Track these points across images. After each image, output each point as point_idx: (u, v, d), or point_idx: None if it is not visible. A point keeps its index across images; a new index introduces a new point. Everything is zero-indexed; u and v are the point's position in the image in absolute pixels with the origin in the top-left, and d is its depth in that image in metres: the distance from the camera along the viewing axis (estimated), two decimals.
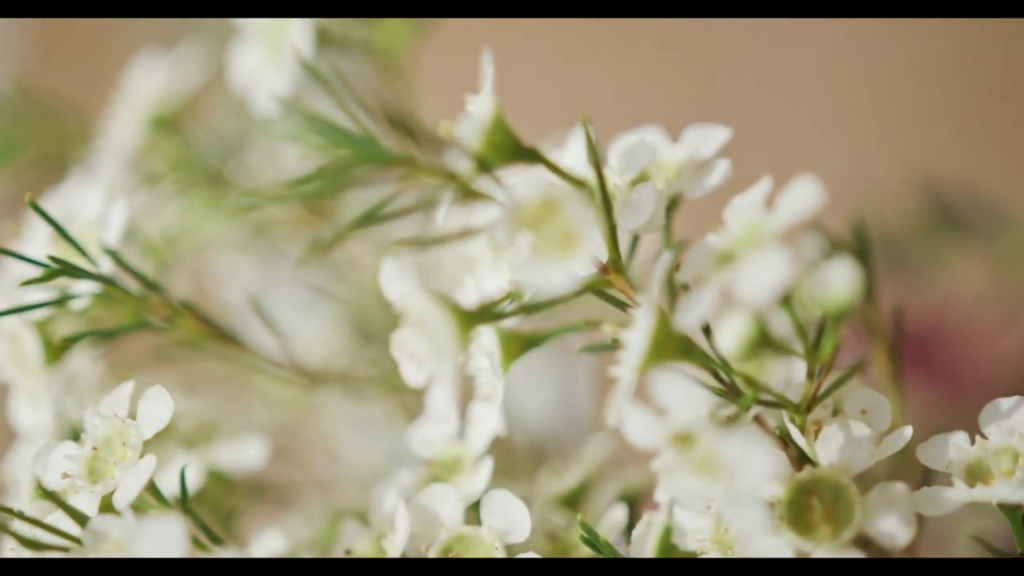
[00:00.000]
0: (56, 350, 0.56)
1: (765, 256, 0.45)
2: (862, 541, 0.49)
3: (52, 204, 0.58)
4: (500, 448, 0.60)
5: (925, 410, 0.85)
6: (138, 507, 0.50)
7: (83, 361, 0.61)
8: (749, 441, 0.44)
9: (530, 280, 0.46)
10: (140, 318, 0.56)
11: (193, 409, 0.64)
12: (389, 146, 0.47)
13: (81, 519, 0.49)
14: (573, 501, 0.59)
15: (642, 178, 0.52)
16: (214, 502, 0.60)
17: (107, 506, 0.49)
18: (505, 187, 0.47)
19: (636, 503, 0.58)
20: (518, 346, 0.51)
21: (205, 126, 0.72)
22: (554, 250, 0.46)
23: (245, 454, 0.60)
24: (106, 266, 0.55)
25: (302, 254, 0.45)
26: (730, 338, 0.46)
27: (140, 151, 0.69)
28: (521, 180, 0.47)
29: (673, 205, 0.54)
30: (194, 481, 0.59)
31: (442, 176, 0.47)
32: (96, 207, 0.57)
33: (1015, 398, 0.50)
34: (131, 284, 0.57)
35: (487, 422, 0.55)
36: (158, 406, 0.50)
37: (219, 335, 0.58)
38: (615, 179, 0.51)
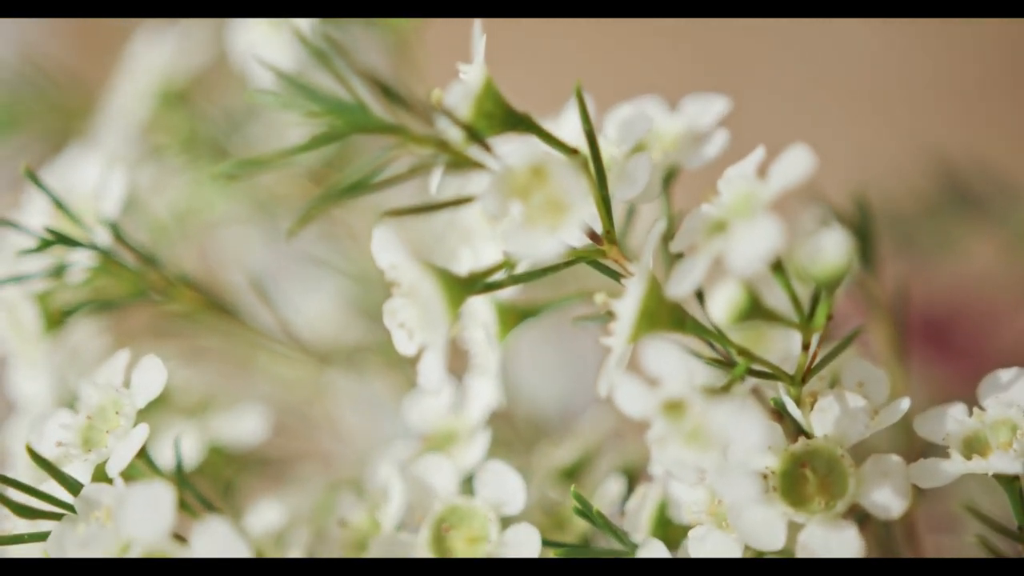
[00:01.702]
0: (54, 320, 0.56)
1: (755, 224, 0.44)
2: (858, 514, 0.48)
3: (54, 176, 0.58)
4: (503, 423, 0.60)
5: (943, 390, 0.84)
6: (133, 476, 0.50)
7: (87, 334, 0.61)
8: (739, 411, 0.44)
9: (518, 249, 0.46)
10: (138, 289, 0.56)
11: (196, 383, 0.64)
12: (383, 115, 0.46)
13: (74, 487, 0.49)
14: (573, 474, 0.59)
15: (639, 148, 0.51)
16: (214, 474, 0.60)
17: (101, 475, 0.49)
18: (496, 155, 0.46)
19: (636, 476, 0.58)
20: (514, 317, 0.50)
21: (211, 100, 0.71)
22: (543, 219, 0.45)
23: (244, 427, 0.60)
24: (102, 237, 0.55)
25: (292, 223, 0.45)
26: (721, 306, 0.45)
27: (145, 125, 0.69)
28: (511, 148, 0.46)
29: (671, 176, 0.53)
30: (194, 453, 0.59)
31: (433, 145, 0.46)
32: (94, 178, 0.57)
33: (1014, 369, 0.49)
34: (132, 257, 0.56)
35: (483, 394, 0.55)
36: (151, 375, 0.50)
37: (217, 308, 0.58)
38: (612, 149, 0.51)
